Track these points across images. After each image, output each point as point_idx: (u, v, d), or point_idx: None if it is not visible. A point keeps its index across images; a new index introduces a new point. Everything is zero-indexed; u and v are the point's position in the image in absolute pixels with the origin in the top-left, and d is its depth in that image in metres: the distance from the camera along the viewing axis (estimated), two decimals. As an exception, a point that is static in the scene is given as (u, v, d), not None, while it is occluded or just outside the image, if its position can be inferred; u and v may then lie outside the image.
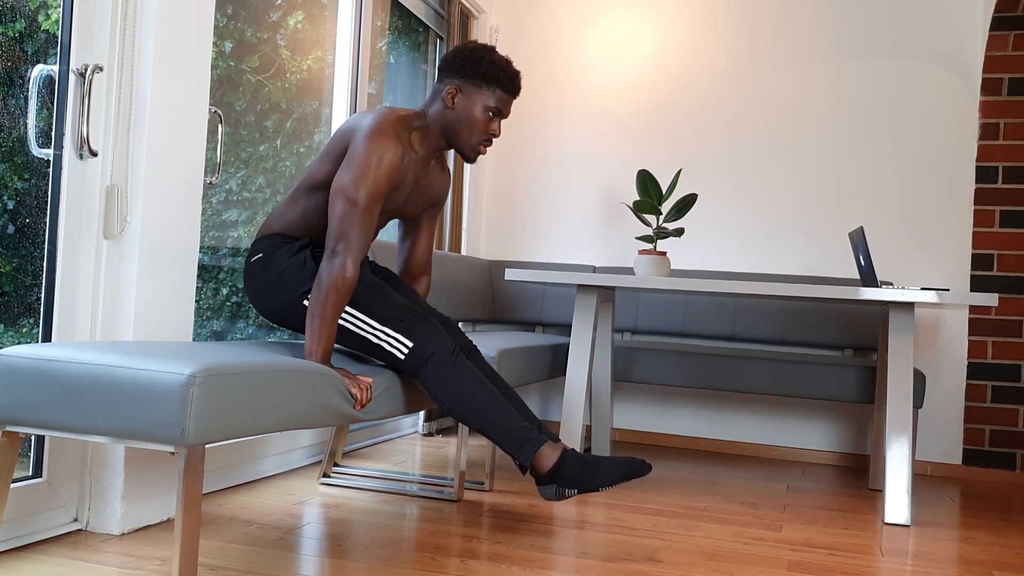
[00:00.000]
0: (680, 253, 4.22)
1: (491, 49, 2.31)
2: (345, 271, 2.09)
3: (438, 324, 2.27)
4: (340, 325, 2.23)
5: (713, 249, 4.18)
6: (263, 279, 2.26)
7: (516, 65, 4.48)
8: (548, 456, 2.18)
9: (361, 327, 2.21)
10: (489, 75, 2.28)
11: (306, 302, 2.20)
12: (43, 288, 2.12)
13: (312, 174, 2.29)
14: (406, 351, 2.19)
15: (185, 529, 1.55)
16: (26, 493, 2.05)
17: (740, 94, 4.18)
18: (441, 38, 4.27)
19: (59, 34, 2.11)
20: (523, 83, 4.48)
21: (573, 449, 2.22)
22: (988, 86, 3.86)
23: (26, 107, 2.08)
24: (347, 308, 2.22)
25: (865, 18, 4.04)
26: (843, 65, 4.06)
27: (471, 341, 2.48)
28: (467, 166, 4.29)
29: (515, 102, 4.48)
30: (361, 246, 2.12)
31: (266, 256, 2.27)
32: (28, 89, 2.07)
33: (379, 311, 2.21)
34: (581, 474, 2.15)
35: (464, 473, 2.77)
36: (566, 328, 4.35)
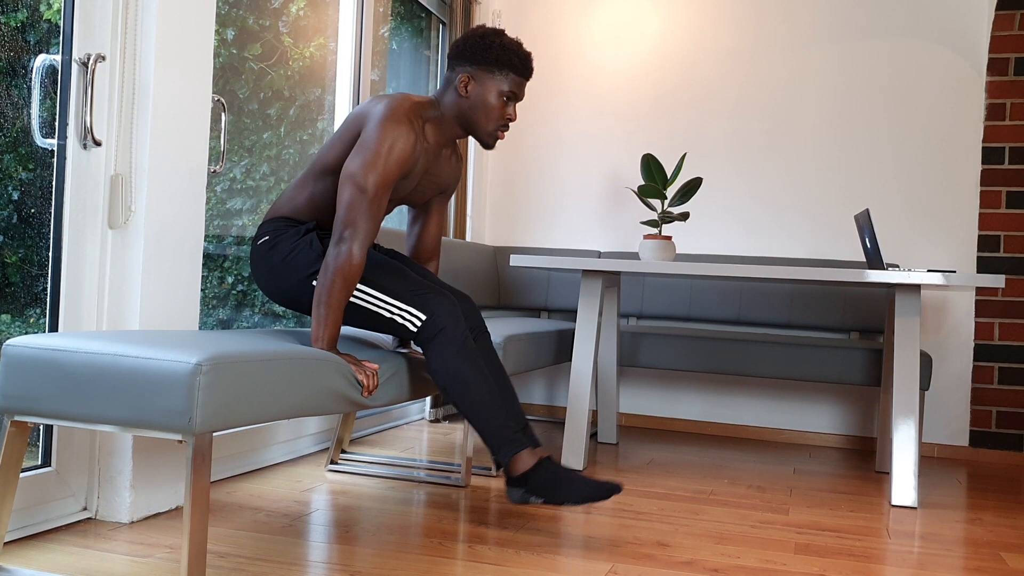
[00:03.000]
0: (685, 237, 4.21)
1: (500, 33, 2.28)
2: (352, 257, 2.08)
3: (453, 300, 2.25)
4: (351, 303, 2.22)
5: (718, 233, 4.17)
6: (270, 261, 2.26)
7: (519, 50, 4.46)
8: (525, 461, 2.17)
9: (372, 302, 2.20)
10: (501, 60, 2.25)
11: (314, 283, 2.19)
12: (49, 278, 2.13)
13: (322, 158, 2.27)
14: (419, 323, 2.18)
15: (194, 517, 1.56)
16: (35, 482, 2.06)
17: (744, 77, 4.16)
18: (444, 23, 4.25)
19: (61, 24, 2.10)
20: (526, 68, 4.46)
21: (550, 458, 2.20)
22: (994, 66, 3.84)
23: (29, 97, 2.08)
24: (358, 285, 2.21)
25: (870, -1, 4.01)
26: (848, 47, 4.03)
27: (484, 323, 2.46)
28: (472, 152, 4.28)
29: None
30: (368, 232, 2.11)
31: (272, 238, 2.26)
32: (31, 79, 2.07)
33: (391, 286, 2.20)
34: (550, 487, 2.13)
35: (471, 459, 2.77)
36: (572, 313, 4.34)
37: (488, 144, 2.33)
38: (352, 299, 2.21)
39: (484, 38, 2.26)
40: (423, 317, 2.17)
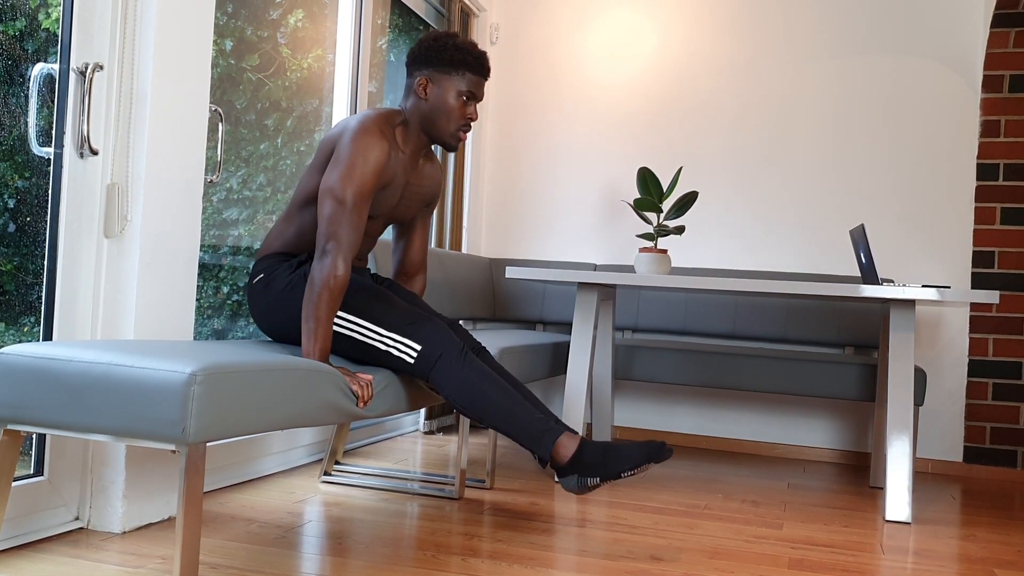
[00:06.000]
0: (681, 251, 4.22)
1: (454, 35, 2.31)
2: (336, 270, 2.09)
3: (444, 325, 2.26)
4: (346, 335, 2.22)
5: (714, 247, 4.18)
6: (265, 299, 2.26)
7: (518, 64, 4.48)
8: (566, 447, 2.17)
9: (367, 335, 2.20)
10: (456, 60, 2.27)
11: None
12: (44, 287, 2.12)
13: (303, 189, 2.29)
14: (415, 355, 2.18)
15: (186, 527, 1.56)
16: (27, 492, 2.05)
17: (741, 92, 4.17)
18: (441, 36, 4.26)
19: (59, 32, 2.11)
20: (523, 82, 4.47)
21: (590, 439, 2.22)
22: (989, 83, 3.86)
23: (26, 106, 2.08)
24: (351, 317, 2.21)
25: (866, 15, 4.03)
26: (844, 62, 4.05)
27: (479, 342, 2.47)
28: (468, 164, 4.28)
29: (516, 100, 4.47)
30: (351, 244, 2.11)
31: (267, 276, 2.27)
32: (28, 88, 2.07)
33: (384, 317, 2.21)
34: (602, 462, 2.13)
35: (465, 471, 2.77)
36: (567, 326, 4.34)
37: (451, 146, 2.35)
38: (346, 331, 2.21)
39: (438, 40, 2.29)
40: (418, 348, 2.17)
